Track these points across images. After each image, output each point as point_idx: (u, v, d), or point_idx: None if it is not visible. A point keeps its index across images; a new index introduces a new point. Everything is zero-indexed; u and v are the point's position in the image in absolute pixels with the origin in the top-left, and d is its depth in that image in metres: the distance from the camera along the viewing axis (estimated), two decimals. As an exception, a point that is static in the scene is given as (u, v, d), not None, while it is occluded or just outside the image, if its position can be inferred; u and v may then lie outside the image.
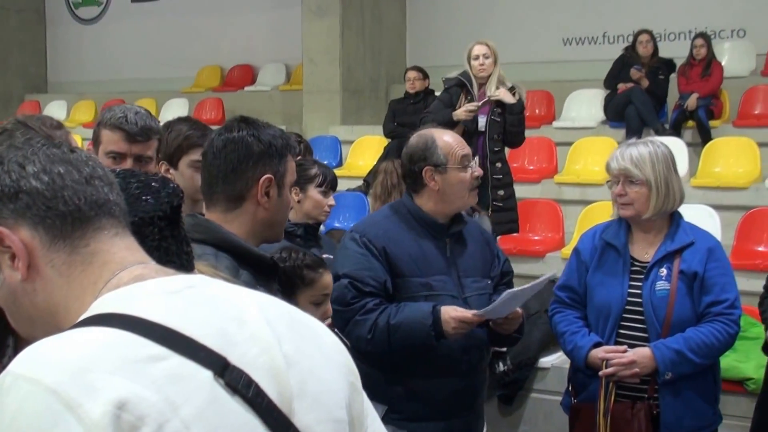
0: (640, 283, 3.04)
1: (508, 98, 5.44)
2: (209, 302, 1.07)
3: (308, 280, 2.48)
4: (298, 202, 3.42)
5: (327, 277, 2.53)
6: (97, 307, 1.03)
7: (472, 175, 2.91)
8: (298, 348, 1.09)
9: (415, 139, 2.97)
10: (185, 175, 2.74)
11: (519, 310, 2.86)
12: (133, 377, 0.94)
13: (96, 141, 2.66)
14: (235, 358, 1.01)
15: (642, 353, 2.96)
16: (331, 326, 2.38)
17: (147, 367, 0.96)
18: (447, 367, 2.84)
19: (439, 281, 2.86)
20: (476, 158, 3.06)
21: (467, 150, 2.94)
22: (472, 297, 2.88)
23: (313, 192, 3.44)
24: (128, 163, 2.57)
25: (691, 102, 7.55)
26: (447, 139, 2.93)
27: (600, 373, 3.00)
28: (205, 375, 0.98)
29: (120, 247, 1.11)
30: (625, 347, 3.00)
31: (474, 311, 2.76)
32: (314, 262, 2.52)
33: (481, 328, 2.88)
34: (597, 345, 3.04)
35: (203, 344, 1.00)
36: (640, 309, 3.02)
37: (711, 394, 3.09)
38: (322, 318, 2.41)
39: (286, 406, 1.03)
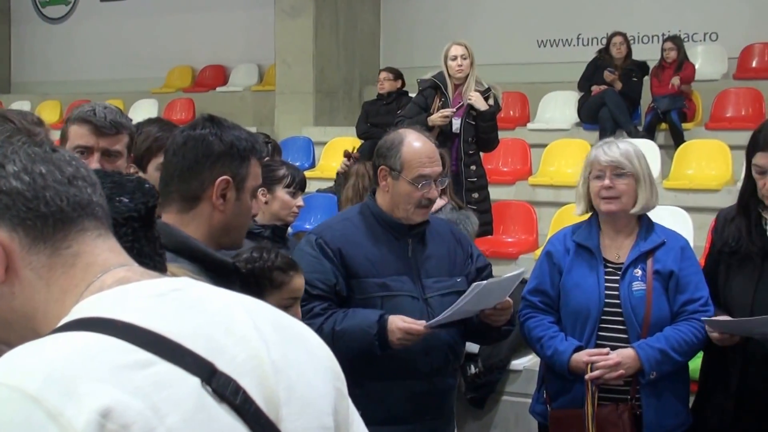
0: (616, 285, 3.03)
1: (481, 104, 5.41)
2: (196, 306, 1.04)
3: (277, 283, 2.40)
4: (266, 203, 3.38)
5: (297, 280, 2.46)
6: (79, 311, 1.00)
7: (423, 195, 2.82)
8: (285, 353, 1.06)
9: (390, 134, 2.93)
10: (152, 177, 2.66)
11: (509, 299, 2.81)
12: (118, 384, 0.91)
13: (63, 138, 2.59)
14: (222, 364, 0.98)
15: (626, 354, 2.95)
16: None
17: (132, 373, 0.93)
18: (406, 369, 2.79)
19: (396, 281, 2.81)
20: (443, 186, 2.96)
21: (430, 170, 2.82)
22: (434, 297, 2.84)
23: (281, 193, 3.41)
24: (95, 158, 2.50)
25: (675, 81, 7.60)
26: (415, 149, 2.83)
27: (586, 377, 2.96)
28: (192, 382, 0.96)
29: (103, 249, 1.07)
30: (607, 349, 2.98)
31: (424, 323, 2.70)
32: (285, 264, 2.44)
33: (449, 328, 2.84)
34: (578, 349, 3.01)
35: (190, 350, 0.97)
36: (619, 310, 3.00)
37: (685, 394, 3.11)
38: None
39: (274, 413, 1.01)
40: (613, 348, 2.98)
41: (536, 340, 3.11)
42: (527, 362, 4.78)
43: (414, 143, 2.84)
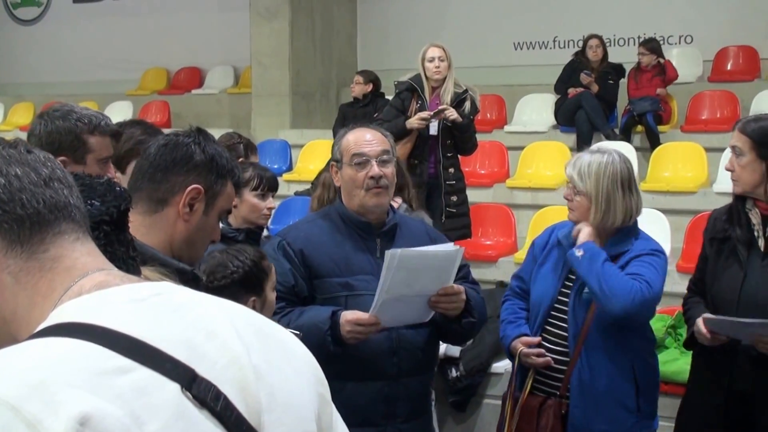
0: (572, 284, 3.08)
1: (455, 117, 5.32)
2: (176, 311, 1.02)
3: (267, 270, 2.52)
4: (235, 206, 3.31)
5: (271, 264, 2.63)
6: (58, 316, 0.98)
7: (366, 175, 2.80)
8: (267, 359, 1.05)
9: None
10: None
11: (455, 286, 2.77)
12: (96, 391, 0.89)
13: (79, 150, 2.48)
14: (203, 370, 0.97)
15: (587, 231, 3.01)
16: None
17: (111, 380, 0.91)
18: (374, 370, 2.76)
19: (361, 281, 2.79)
20: (386, 166, 2.90)
21: (366, 149, 2.82)
22: None
23: (249, 196, 3.33)
24: (111, 166, 2.52)
25: (661, 92, 7.62)
26: (352, 135, 2.88)
27: (513, 360, 3.14)
28: (173, 388, 0.94)
29: (81, 252, 1.05)
30: (538, 339, 3.10)
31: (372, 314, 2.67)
32: (260, 252, 2.59)
33: (420, 328, 2.81)
34: (524, 336, 3.13)
35: (170, 355, 0.96)
36: (566, 308, 3.07)
37: (631, 401, 3.03)
38: (273, 304, 2.56)
39: (255, 420, 0.99)
40: (555, 344, 3.08)
41: (501, 322, 3.29)
42: (508, 365, 4.76)
43: (354, 132, 2.89)
